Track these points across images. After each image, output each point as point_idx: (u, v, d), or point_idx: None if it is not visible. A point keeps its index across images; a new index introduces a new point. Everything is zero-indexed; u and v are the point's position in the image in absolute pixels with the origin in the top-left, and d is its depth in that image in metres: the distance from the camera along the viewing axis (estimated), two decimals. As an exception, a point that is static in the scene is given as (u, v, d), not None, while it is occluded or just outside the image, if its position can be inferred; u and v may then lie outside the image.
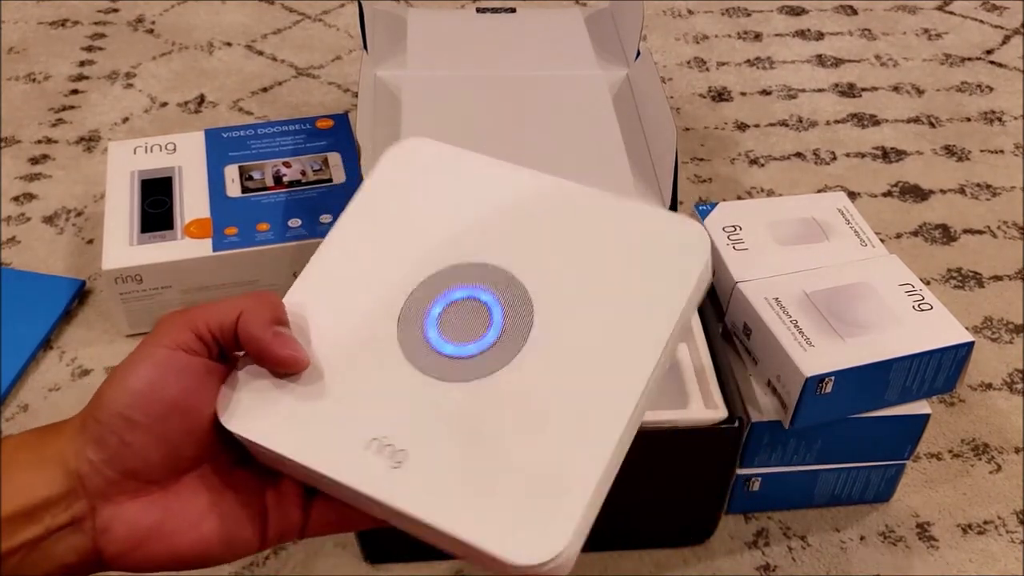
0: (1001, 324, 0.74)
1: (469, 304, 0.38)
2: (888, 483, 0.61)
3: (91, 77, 0.99)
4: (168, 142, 0.77)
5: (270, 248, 0.69)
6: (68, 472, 0.33)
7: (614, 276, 0.37)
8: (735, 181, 0.87)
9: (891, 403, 0.56)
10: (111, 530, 0.34)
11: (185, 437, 0.35)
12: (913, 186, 0.87)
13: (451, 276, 0.39)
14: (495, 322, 0.37)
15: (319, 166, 0.76)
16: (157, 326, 0.36)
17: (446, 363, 0.36)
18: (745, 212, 0.64)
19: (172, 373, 0.34)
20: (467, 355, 0.37)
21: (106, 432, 0.34)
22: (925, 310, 0.56)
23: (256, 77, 1.00)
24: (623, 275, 0.37)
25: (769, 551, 0.59)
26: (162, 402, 0.34)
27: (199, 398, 0.35)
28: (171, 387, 0.34)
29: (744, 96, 0.99)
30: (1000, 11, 1.14)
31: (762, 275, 0.59)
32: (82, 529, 0.34)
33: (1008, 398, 0.68)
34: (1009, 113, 0.97)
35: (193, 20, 1.09)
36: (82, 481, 0.33)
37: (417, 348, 0.37)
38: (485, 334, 0.37)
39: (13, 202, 0.83)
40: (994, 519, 0.61)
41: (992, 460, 0.64)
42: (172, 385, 0.34)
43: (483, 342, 0.37)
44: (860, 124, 0.95)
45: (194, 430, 0.35)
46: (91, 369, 0.69)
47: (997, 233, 0.83)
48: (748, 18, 1.12)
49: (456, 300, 0.38)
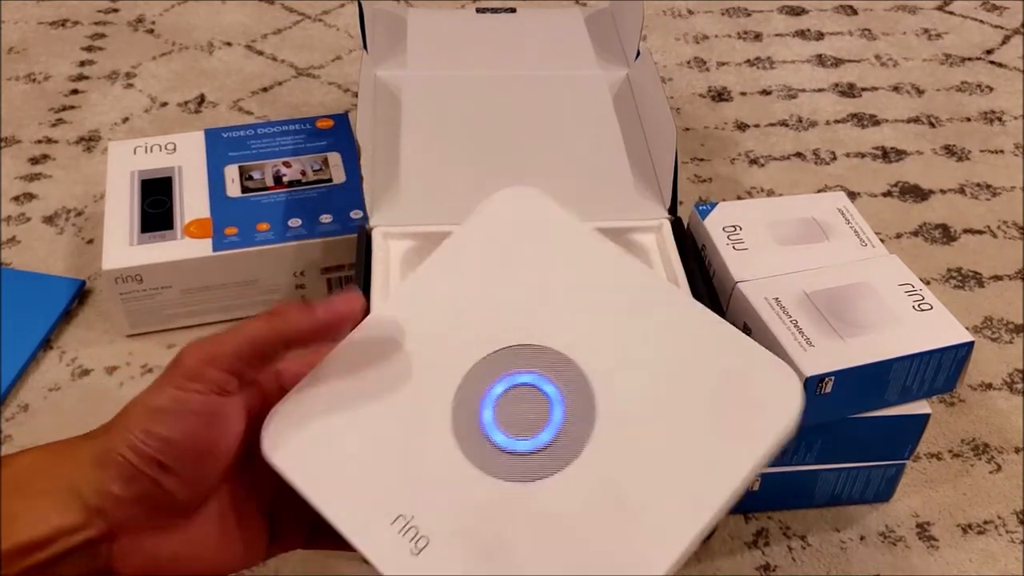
0: (1001, 324, 0.74)
1: (533, 394, 0.36)
2: (888, 483, 0.61)
3: (91, 77, 0.99)
4: (168, 142, 0.78)
5: (270, 248, 0.69)
6: (85, 504, 0.33)
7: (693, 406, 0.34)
8: (735, 181, 0.87)
9: (891, 403, 0.56)
10: (129, 558, 0.34)
11: (211, 474, 0.35)
12: (913, 186, 0.87)
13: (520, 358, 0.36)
14: (553, 422, 0.35)
15: (319, 166, 0.76)
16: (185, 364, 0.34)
17: (494, 455, 0.34)
18: (745, 212, 0.64)
19: (204, 420, 0.34)
20: (516, 451, 0.35)
21: (136, 473, 0.33)
22: (925, 310, 0.56)
23: (256, 77, 1.00)
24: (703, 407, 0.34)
25: (769, 551, 0.59)
26: (195, 449, 0.34)
27: (226, 437, 0.35)
28: (203, 434, 0.34)
29: (744, 96, 0.99)
30: (1000, 11, 1.14)
31: (762, 275, 0.59)
32: (96, 552, 0.33)
33: (1008, 398, 0.68)
34: (1009, 113, 0.97)
35: (193, 20, 1.09)
36: (103, 513, 0.33)
37: (468, 429, 0.35)
38: (540, 432, 0.35)
39: (13, 202, 0.83)
40: (994, 519, 0.61)
41: (992, 460, 0.64)
42: (204, 433, 0.34)
43: (536, 441, 0.34)
44: (860, 124, 0.95)
45: (219, 467, 0.35)
46: (91, 369, 0.69)
47: (997, 233, 0.83)
48: (748, 18, 1.12)
49: (520, 385, 0.36)
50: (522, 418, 0.35)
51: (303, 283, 0.72)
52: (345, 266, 0.72)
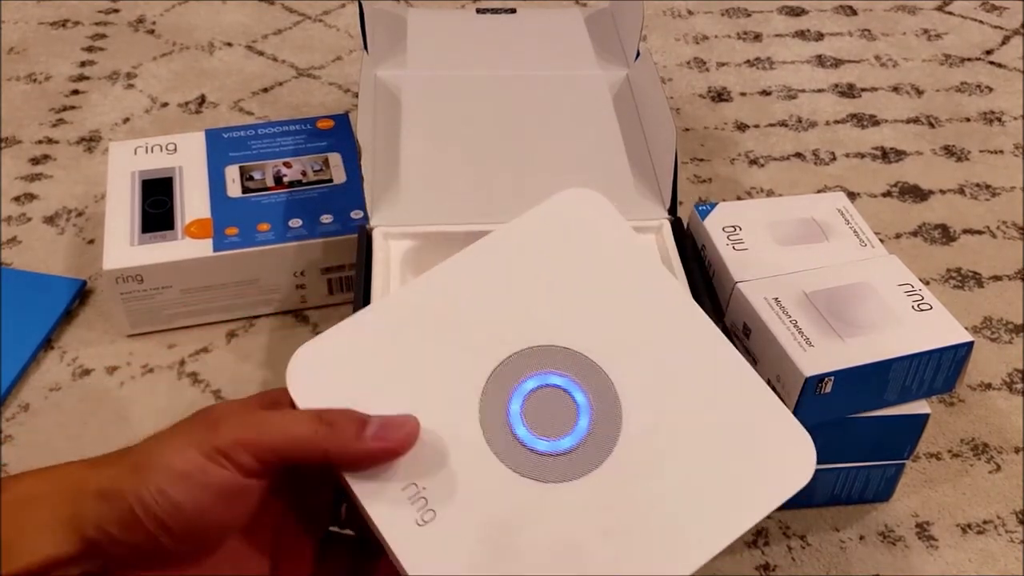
0: (1001, 324, 0.74)
1: (562, 397, 0.36)
2: (888, 483, 0.61)
3: (91, 77, 1.00)
4: (169, 142, 0.78)
5: (271, 248, 0.69)
6: (83, 536, 0.32)
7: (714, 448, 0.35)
8: (735, 181, 0.87)
9: (891, 403, 0.56)
10: None
11: (216, 539, 0.34)
12: (913, 186, 0.88)
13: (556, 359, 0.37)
14: (577, 430, 0.35)
15: (320, 166, 0.76)
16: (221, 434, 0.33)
17: (514, 447, 0.35)
18: (745, 212, 0.64)
19: (223, 500, 0.33)
20: (535, 449, 0.35)
21: (137, 523, 0.32)
22: (925, 310, 0.57)
23: (256, 77, 1.00)
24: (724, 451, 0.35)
25: (769, 551, 0.59)
26: (205, 523, 0.33)
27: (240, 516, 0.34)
28: (217, 511, 0.33)
29: (744, 96, 0.99)
30: (1000, 11, 1.14)
31: (762, 275, 0.59)
32: None
33: (1008, 398, 0.68)
34: (1009, 113, 0.97)
35: (193, 20, 1.09)
36: (98, 547, 0.32)
37: (494, 417, 0.35)
38: (562, 437, 0.35)
39: (13, 202, 0.83)
40: (994, 519, 0.61)
41: (992, 460, 0.64)
42: (219, 510, 0.33)
43: (557, 444, 0.35)
44: (860, 124, 0.95)
45: (227, 533, 0.34)
46: (92, 369, 0.69)
47: (997, 233, 0.83)
48: (748, 18, 1.12)
49: (552, 386, 0.36)
50: (548, 418, 0.35)
51: (303, 283, 0.72)
52: (345, 266, 0.72)
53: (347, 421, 0.34)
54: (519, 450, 0.35)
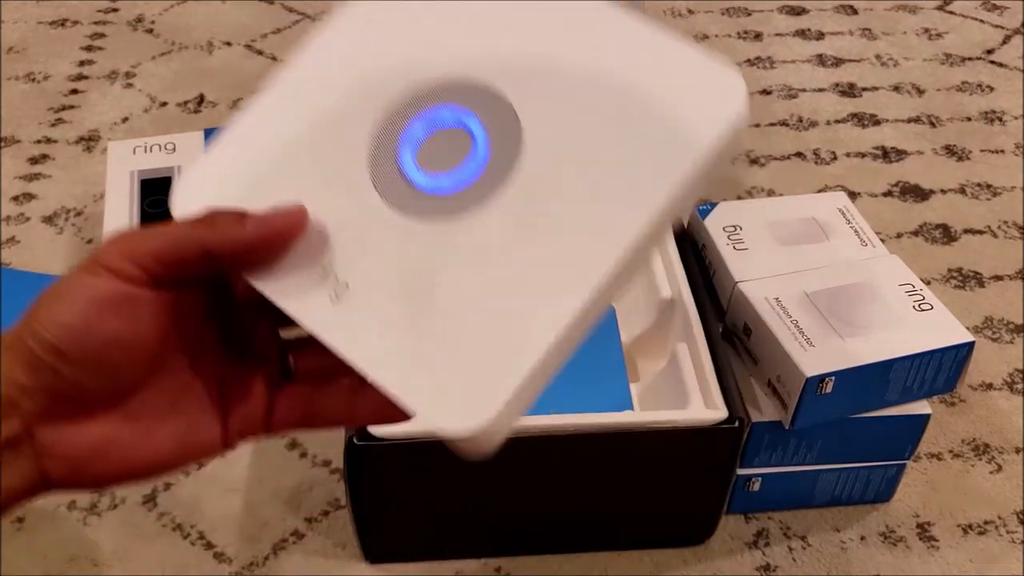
0: (1001, 324, 0.74)
1: (455, 131, 0.33)
2: (888, 483, 0.61)
3: (91, 77, 0.99)
4: (168, 142, 0.77)
5: (270, 248, 0.69)
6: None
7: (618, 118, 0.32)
8: (735, 181, 0.87)
9: (891, 403, 0.56)
10: (52, 452, 0.32)
11: (126, 366, 0.33)
12: (913, 186, 0.87)
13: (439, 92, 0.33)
14: (477, 156, 0.32)
15: (319, 166, 0.76)
16: (101, 253, 0.32)
17: (415, 196, 0.33)
18: (745, 212, 0.64)
19: (111, 309, 0.32)
20: (439, 189, 0.32)
21: (37, 360, 0.31)
22: (925, 310, 0.56)
23: (256, 77, 1.00)
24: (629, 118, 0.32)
25: (769, 551, 0.59)
26: (97, 337, 0.32)
27: (137, 329, 0.33)
28: (109, 322, 0.32)
29: (744, 96, 0.99)
30: (1000, 11, 1.14)
31: (762, 275, 0.59)
32: (21, 451, 0.32)
33: (1008, 398, 0.68)
34: (1009, 113, 0.97)
35: (193, 20, 1.09)
36: (14, 403, 0.32)
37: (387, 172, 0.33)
38: (462, 168, 0.32)
39: (13, 202, 0.83)
40: (994, 519, 0.61)
41: (992, 460, 0.64)
42: (110, 320, 0.32)
43: (459, 176, 0.32)
44: (860, 124, 0.95)
45: (136, 359, 0.33)
46: (91, 369, 0.69)
47: (997, 233, 0.83)
48: (748, 18, 1.12)
49: (441, 125, 0.33)
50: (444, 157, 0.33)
51: (303, 283, 0.72)
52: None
53: (226, 216, 0.33)
54: (419, 197, 0.33)
